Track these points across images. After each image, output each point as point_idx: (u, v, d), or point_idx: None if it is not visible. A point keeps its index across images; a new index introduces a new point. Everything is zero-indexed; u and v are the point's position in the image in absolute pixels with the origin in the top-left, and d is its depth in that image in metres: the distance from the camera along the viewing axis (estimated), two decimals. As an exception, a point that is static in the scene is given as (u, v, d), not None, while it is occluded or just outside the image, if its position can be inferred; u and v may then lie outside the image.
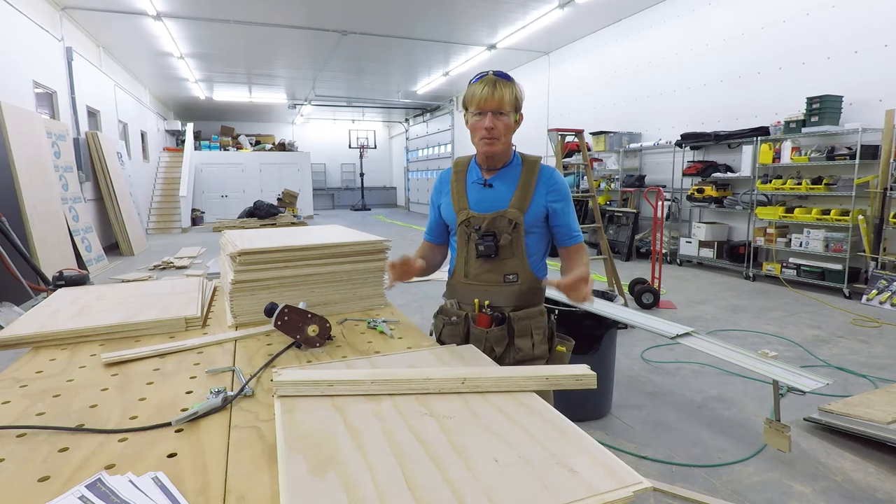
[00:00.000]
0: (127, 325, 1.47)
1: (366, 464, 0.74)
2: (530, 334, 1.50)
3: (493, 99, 1.39)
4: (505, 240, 1.46)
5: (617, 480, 0.69)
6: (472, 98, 1.42)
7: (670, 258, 7.63)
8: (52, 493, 0.72)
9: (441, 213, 1.61)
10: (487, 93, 1.39)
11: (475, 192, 1.52)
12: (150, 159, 14.13)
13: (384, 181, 23.78)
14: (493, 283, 1.51)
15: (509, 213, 1.46)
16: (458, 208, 1.53)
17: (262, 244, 1.60)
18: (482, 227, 1.48)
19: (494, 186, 1.50)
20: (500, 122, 1.41)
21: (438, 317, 1.63)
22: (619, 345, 3.60)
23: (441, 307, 1.64)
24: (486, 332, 1.49)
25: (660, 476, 2.23)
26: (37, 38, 7.04)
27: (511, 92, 1.42)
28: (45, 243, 5.78)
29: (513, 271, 1.50)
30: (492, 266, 1.50)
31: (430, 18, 8.74)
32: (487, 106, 1.40)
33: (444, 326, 1.58)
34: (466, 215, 1.51)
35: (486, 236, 1.47)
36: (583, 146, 5.33)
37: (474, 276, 1.53)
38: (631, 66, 8.68)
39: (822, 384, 1.93)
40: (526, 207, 1.47)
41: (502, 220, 1.46)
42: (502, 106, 1.40)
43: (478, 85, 1.41)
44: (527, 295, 1.52)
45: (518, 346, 1.50)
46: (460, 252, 1.55)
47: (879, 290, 4.99)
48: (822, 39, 5.76)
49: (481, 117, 1.41)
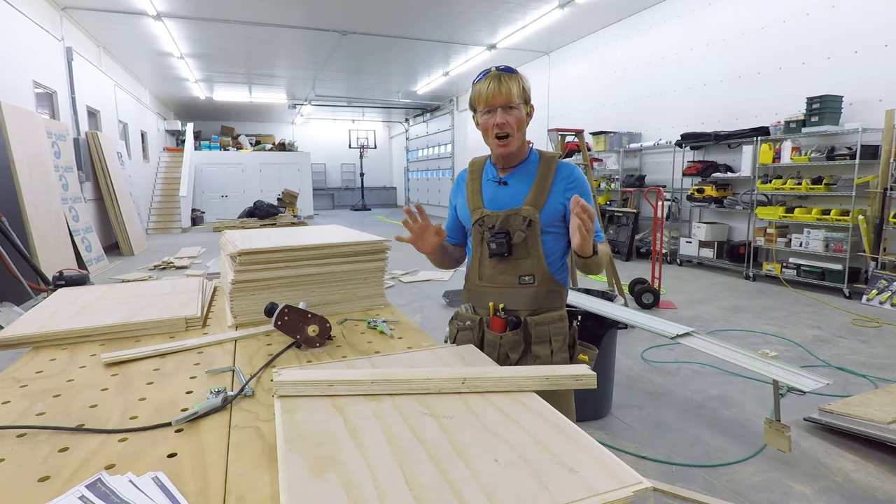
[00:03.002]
0: (127, 325, 1.47)
1: (366, 464, 0.74)
2: (549, 341, 1.44)
3: (500, 94, 1.35)
4: (518, 237, 1.40)
5: (617, 480, 0.69)
6: (479, 96, 1.38)
7: (670, 258, 7.63)
8: (52, 493, 0.72)
9: (457, 213, 1.58)
10: (494, 88, 1.35)
11: (490, 190, 1.48)
12: (151, 159, 14.13)
13: (384, 181, 23.78)
14: (507, 284, 1.45)
15: (524, 210, 1.41)
16: (473, 207, 1.49)
17: (262, 244, 1.60)
18: (496, 226, 1.43)
19: (509, 184, 1.46)
20: (511, 116, 1.37)
21: (453, 322, 1.58)
22: (619, 345, 3.60)
23: (456, 312, 1.59)
24: (500, 336, 1.43)
25: (660, 476, 2.23)
26: (37, 38, 7.04)
27: (518, 84, 1.38)
28: (45, 243, 5.78)
29: (528, 272, 1.43)
30: (506, 266, 1.44)
31: (430, 18, 8.73)
32: (496, 101, 1.36)
33: (459, 332, 1.53)
34: (480, 214, 1.46)
35: (498, 234, 1.41)
36: (583, 146, 5.33)
37: (488, 278, 1.47)
38: (631, 66, 8.68)
39: (822, 384, 1.93)
40: (542, 204, 1.41)
41: (516, 217, 1.41)
42: (511, 99, 1.36)
43: (483, 83, 1.38)
44: (545, 298, 1.45)
45: (535, 352, 1.43)
46: (475, 253, 1.51)
47: (879, 290, 4.99)
48: (822, 39, 5.76)
49: (491, 115, 1.38)
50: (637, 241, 8.12)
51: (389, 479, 0.70)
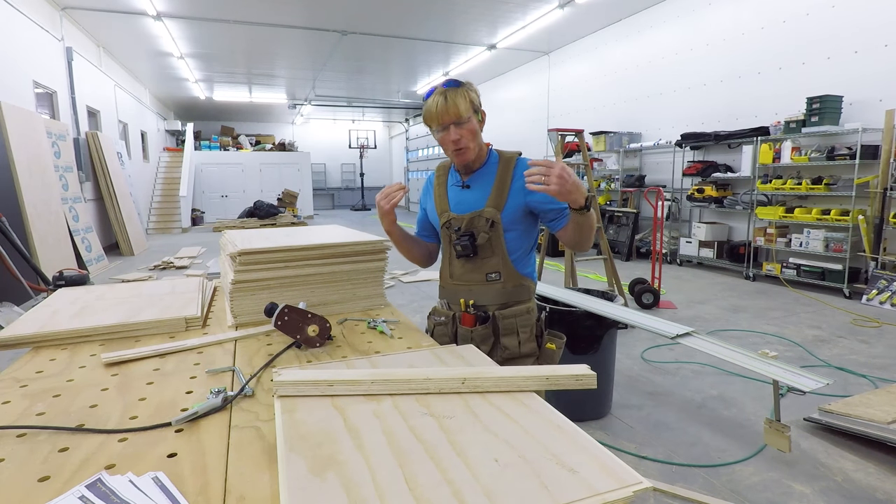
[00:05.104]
0: (127, 325, 1.47)
1: (366, 464, 0.74)
2: (516, 332, 1.52)
3: (448, 112, 1.41)
4: (483, 238, 1.49)
5: (617, 480, 0.69)
6: (430, 115, 1.45)
7: (670, 258, 7.63)
8: (52, 493, 0.72)
9: (427, 215, 1.68)
10: (441, 107, 1.40)
11: (455, 194, 1.57)
12: (150, 159, 14.13)
13: (384, 181, 23.78)
14: (476, 282, 1.55)
15: (486, 212, 1.49)
16: (440, 211, 1.59)
17: (262, 244, 1.60)
18: (461, 228, 1.51)
19: (472, 187, 1.54)
20: (463, 129, 1.43)
21: (431, 317, 1.69)
22: (619, 345, 3.60)
23: (433, 308, 1.70)
24: (471, 330, 1.53)
25: (660, 476, 2.23)
26: (37, 38, 7.04)
27: (464, 98, 1.43)
28: (45, 243, 5.78)
29: (494, 270, 1.53)
30: (473, 266, 1.54)
31: (430, 18, 8.74)
32: (446, 119, 1.42)
33: (435, 326, 1.64)
34: (447, 217, 1.56)
35: (463, 236, 1.50)
36: (583, 146, 5.33)
37: (458, 277, 1.57)
38: (631, 66, 8.68)
39: (822, 384, 1.93)
40: (503, 205, 1.49)
41: (479, 219, 1.50)
42: (459, 115, 1.42)
43: (430, 101, 1.44)
44: (511, 293, 1.54)
45: (504, 344, 1.52)
46: (445, 253, 1.61)
47: (879, 290, 4.99)
48: (822, 39, 5.76)
49: (445, 132, 1.44)
50: (637, 241, 8.12)
51: (389, 479, 0.70)
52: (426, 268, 1.78)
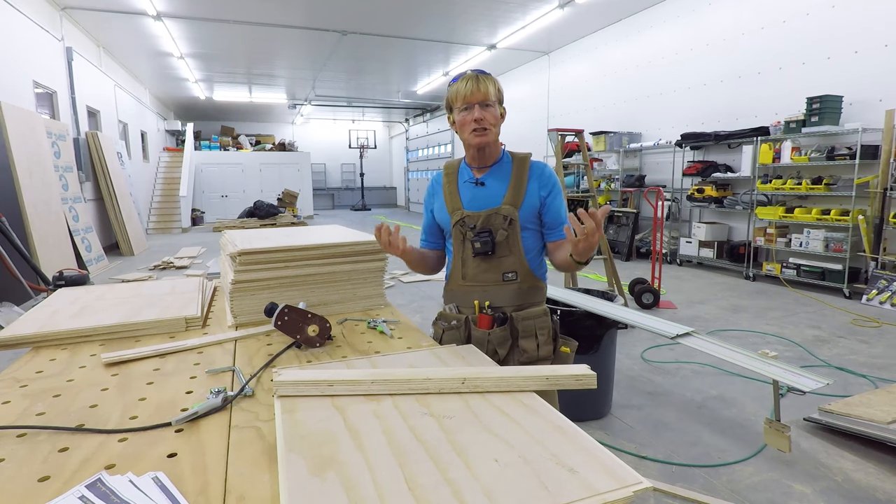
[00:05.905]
0: (127, 325, 1.47)
1: (366, 464, 0.74)
2: (535, 335, 1.48)
3: (478, 91, 1.41)
4: (501, 236, 1.46)
5: (617, 480, 0.69)
6: (457, 95, 1.43)
7: (670, 258, 7.63)
8: (52, 493, 0.72)
9: (435, 216, 1.60)
10: (472, 86, 1.41)
11: (468, 191, 1.52)
12: (150, 159, 14.13)
13: (384, 181, 23.78)
14: (491, 282, 1.49)
15: (503, 209, 1.46)
16: (452, 209, 1.52)
17: (262, 244, 1.60)
18: (477, 225, 1.46)
19: (487, 184, 1.50)
20: (488, 112, 1.42)
21: (437, 323, 1.60)
22: (619, 345, 3.60)
23: (439, 313, 1.61)
24: (489, 333, 1.47)
25: (660, 476, 2.23)
26: (37, 38, 7.04)
27: (494, 85, 1.44)
28: (45, 243, 5.78)
29: (511, 269, 1.48)
30: (489, 265, 1.48)
31: (430, 18, 8.73)
32: (474, 98, 1.41)
33: (444, 332, 1.56)
34: (461, 215, 1.50)
35: (481, 233, 1.46)
36: (583, 146, 5.33)
37: (472, 277, 1.51)
38: (631, 66, 8.68)
39: (822, 384, 1.93)
40: (520, 203, 1.46)
41: (497, 216, 1.46)
42: (488, 97, 1.42)
43: (460, 83, 1.43)
44: (528, 294, 1.50)
45: (523, 347, 1.47)
46: (457, 254, 1.53)
47: (879, 290, 4.99)
48: (822, 39, 5.76)
49: (468, 111, 1.42)
50: (637, 241, 8.12)
51: (389, 479, 0.70)
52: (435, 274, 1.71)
